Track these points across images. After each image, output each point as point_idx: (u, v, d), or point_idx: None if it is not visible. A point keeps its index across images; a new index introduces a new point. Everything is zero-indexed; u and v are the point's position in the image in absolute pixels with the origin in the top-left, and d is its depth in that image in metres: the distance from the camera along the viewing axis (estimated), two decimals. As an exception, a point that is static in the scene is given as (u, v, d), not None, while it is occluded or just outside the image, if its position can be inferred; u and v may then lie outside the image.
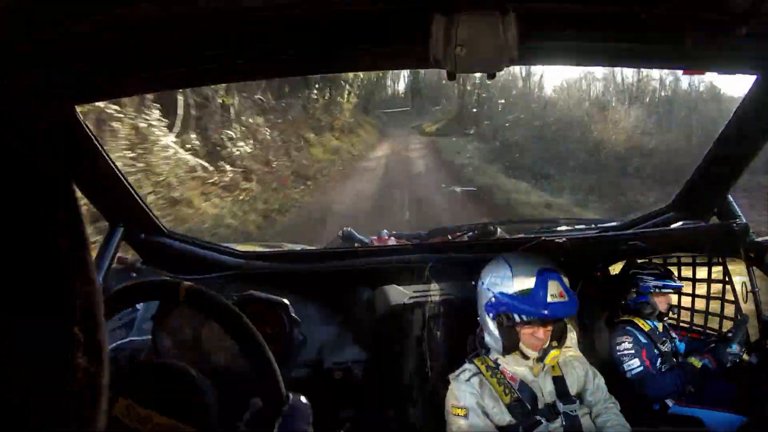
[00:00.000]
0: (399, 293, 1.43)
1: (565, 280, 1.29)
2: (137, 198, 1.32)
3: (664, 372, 1.63)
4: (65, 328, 0.26)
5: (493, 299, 1.30)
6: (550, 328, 1.27)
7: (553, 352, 1.27)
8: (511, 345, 1.28)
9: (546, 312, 1.23)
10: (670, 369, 1.63)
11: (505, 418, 1.24)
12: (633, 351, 1.64)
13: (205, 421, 0.73)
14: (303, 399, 0.76)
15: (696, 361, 1.52)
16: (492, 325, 1.31)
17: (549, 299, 1.23)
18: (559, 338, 1.29)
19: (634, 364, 1.62)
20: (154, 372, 0.78)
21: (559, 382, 1.31)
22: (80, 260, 0.27)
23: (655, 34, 0.84)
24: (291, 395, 0.74)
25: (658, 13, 0.79)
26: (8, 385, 0.24)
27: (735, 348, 1.45)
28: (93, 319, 0.28)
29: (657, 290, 1.70)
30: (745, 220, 1.46)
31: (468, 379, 1.29)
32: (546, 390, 1.28)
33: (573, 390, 1.31)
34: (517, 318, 1.26)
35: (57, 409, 0.26)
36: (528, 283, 1.26)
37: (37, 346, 0.25)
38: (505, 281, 1.29)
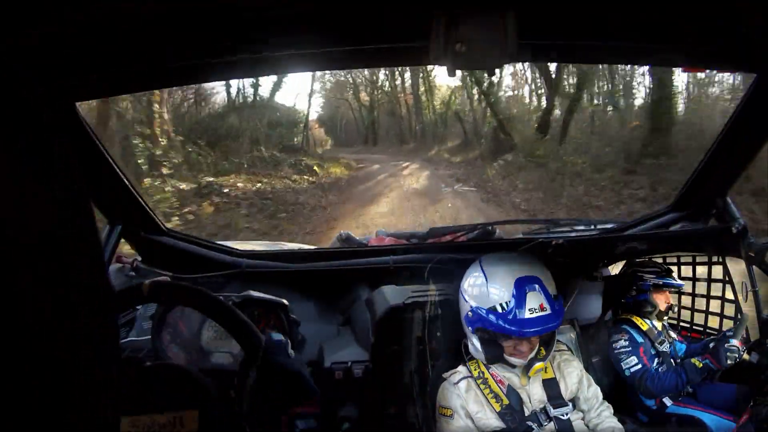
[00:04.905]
0: (398, 293, 1.42)
1: (550, 286, 1.23)
2: (136, 195, 1.32)
3: (664, 371, 1.62)
4: (72, 328, 0.26)
5: (470, 313, 1.26)
6: (534, 339, 1.24)
7: (538, 365, 1.24)
8: (494, 357, 1.26)
9: (524, 330, 1.17)
10: (668, 370, 1.63)
11: (491, 423, 1.22)
12: (630, 348, 1.64)
13: (207, 406, 0.74)
14: (275, 335, 0.78)
15: (697, 362, 1.51)
16: (473, 337, 1.28)
17: (527, 315, 1.17)
18: (546, 345, 1.27)
19: (632, 362, 1.62)
20: (153, 375, 0.78)
21: (551, 385, 1.29)
22: (89, 258, 0.27)
23: (655, 31, 0.84)
24: (263, 336, 0.77)
25: (657, 11, 0.79)
26: (16, 385, 0.23)
27: (734, 342, 1.44)
28: (103, 318, 0.28)
29: (657, 288, 1.70)
30: (743, 222, 1.46)
31: (456, 382, 1.28)
32: (534, 396, 1.26)
33: (566, 394, 1.30)
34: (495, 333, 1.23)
35: (64, 410, 0.26)
36: (504, 295, 1.19)
37: (44, 347, 0.25)
38: (481, 293, 1.23)
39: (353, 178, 12.28)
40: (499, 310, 1.20)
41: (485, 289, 1.23)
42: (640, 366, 1.61)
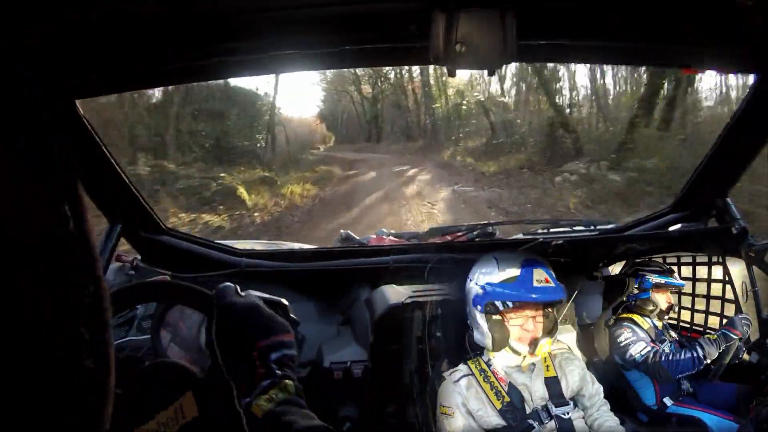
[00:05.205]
0: (398, 293, 1.43)
1: (551, 271, 1.30)
2: (137, 195, 1.32)
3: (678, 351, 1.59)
4: (72, 329, 0.26)
5: (480, 291, 1.31)
6: (539, 319, 1.28)
7: (545, 342, 1.27)
8: (500, 339, 1.28)
9: (533, 295, 1.25)
10: (681, 349, 1.60)
11: (492, 420, 1.23)
12: (634, 338, 1.64)
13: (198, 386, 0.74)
14: (223, 284, 0.78)
15: (711, 335, 1.50)
16: (481, 320, 1.31)
17: (535, 284, 1.26)
18: (549, 331, 1.30)
19: (640, 347, 1.61)
20: (152, 374, 0.78)
21: (553, 383, 1.30)
22: (86, 258, 0.27)
23: (656, 32, 0.84)
24: (214, 290, 0.76)
25: (658, 11, 0.79)
26: (15, 386, 0.23)
27: (745, 314, 1.44)
28: (100, 319, 0.28)
29: (658, 287, 1.70)
30: (743, 223, 1.46)
31: (457, 380, 1.29)
32: (536, 393, 1.27)
33: (567, 392, 1.30)
34: (509, 304, 1.27)
35: (63, 411, 0.26)
36: (514, 271, 1.29)
37: (44, 347, 0.25)
38: (492, 272, 1.31)
39: (321, 203, 7.75)
40: (510, 282, 1.28)
41: (496, 269, 1.31)
42: (649, 348, 1.60)
